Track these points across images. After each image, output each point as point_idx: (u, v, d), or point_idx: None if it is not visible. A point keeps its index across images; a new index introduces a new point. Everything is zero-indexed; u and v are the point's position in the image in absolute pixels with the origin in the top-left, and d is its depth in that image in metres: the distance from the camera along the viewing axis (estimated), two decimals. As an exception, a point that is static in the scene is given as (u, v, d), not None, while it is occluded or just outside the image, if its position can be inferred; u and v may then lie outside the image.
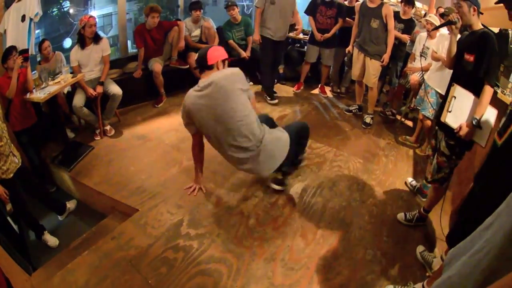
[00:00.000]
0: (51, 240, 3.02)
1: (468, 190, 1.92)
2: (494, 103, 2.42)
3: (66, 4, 5.03)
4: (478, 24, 2.33)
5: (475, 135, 2.22)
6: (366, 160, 3.76)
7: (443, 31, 3.58)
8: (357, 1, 5.04)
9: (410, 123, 4.86)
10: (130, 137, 4.00)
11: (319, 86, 5.66)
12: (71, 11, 5.07)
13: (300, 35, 5.87)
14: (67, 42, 4.88)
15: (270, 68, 5.03)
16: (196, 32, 5.11)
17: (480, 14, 2.32)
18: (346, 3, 5.19)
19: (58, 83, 3.60)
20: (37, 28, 4.21)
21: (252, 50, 5.35)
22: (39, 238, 3.02)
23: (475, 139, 2.24)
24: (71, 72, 3.90)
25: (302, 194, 3.10)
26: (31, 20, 3.67)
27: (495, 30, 3.66)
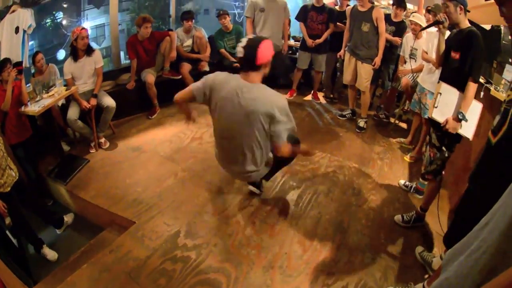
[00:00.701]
0: (50, 253, 3.00)
1: (464, 189, 1.94)
2: (487, 101, 2.47)
3: (59, 15, 5.03)
4: (465, 23, 2.42)
5: (462, 128, 2.37)
6: (361, 164, 3.78)
7: (430, 29, 3.60)
8: (347, 5, 5.06)
9: (404, 125, 4.90)
10: (125, 149, 3.99)
11: (312, 92, 5.67)
12: (64, 22, 5.07)
13: (291, 41, 5.90)
14: (61, 54, 4.86)
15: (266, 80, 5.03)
16: (188, 42, 5.12)
17: (467, 12, 2.40)
18: (336, 7, 5.21)
19: (52, 96, 3.60)
20: (30, 40, 4.23)
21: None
22: (38, 251, 3.00)
23: (461, 132, 2.38)
24: (65, 85, 3.90)
25: (297, 201, 3.10)
26: (24, 32, 3.68)
27: (487, 27, 3.71)
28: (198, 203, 3.02)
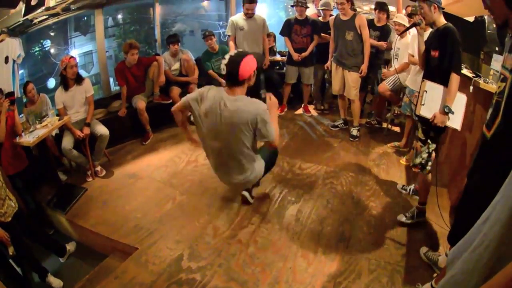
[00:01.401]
0: (55, 282, 2.97)
1: (463, 186, 1.96)
2: (478, 95, 2.54)
3: (47, 43, 5.05)
4: (440, 20, 2.52)
5: (449, 121, 2.47)
6: (358, 172, 3.80)
7: (414, 31, 3.64)
8: (331, 15, 5.07)
9: (397, 129, 4.93)
10: (122, 176, 3.98)
11: (302, 105, 5.68)
12: (52, 50, 5.09)
13: (278, 57, 5.96)
14: (51, 83, 4.87)
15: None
16: (176, 65, 5.14)
17: (442, 9, 2.50)
18: (320, 18, 5.24)
19: (46, 127, 3.62)
20: (20, 69, 4.26)
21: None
22: (43, 280, 2.97)
23: (449, 124, 2.48)
24: (57, 114, 3.91)
25: (297, 216, 3.10)
26: (14, 61, 3.69)
27: (471, 19, 3.77)
28: (199, 226, 3.01)
